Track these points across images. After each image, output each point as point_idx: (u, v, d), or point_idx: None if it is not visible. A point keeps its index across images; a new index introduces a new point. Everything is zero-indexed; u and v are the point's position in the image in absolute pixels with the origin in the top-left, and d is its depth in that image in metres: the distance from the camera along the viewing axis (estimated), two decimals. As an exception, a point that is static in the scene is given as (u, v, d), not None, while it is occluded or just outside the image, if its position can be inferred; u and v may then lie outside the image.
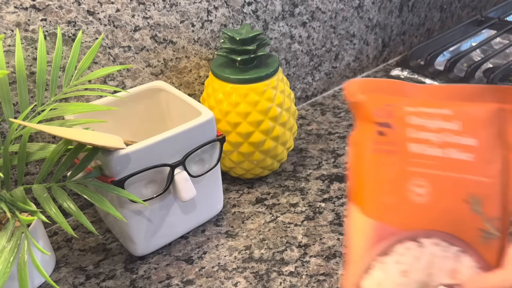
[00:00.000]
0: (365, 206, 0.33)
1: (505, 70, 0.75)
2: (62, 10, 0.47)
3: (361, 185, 0.34)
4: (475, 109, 0.34)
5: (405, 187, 0.32)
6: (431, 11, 0.94)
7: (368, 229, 0.33)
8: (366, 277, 0.32)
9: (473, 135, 0.33)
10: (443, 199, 0.32)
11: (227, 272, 0.47)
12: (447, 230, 0.32)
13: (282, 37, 0.69)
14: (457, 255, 0.32)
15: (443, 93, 0.35)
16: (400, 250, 0.32)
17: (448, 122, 0.33)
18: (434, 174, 0.32)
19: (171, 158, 0.45)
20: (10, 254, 0.35)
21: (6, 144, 0.39)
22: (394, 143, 0.33)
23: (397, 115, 0.34)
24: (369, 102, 0.35)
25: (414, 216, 0.32)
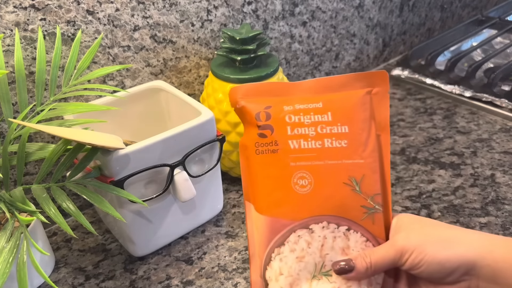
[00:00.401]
0: (258, 204, 0.36)
1: (506, 69, 0.75)
2: (62, 10, 0.47)
3: (253, 185, 0.37)
4: (344, 98, 0.37)
5: (289, 181, 0.35)
6: (432, 10, 0.94)
7: (263, 225, 0.36)
8: (268, 269, 0.36)
9: (344, 123, 0.36)
10: (325, 186, 0.35)
11: (227, 273, 0.47)
12: (333, 213, 0.35)
13: (282, 37, 0.69)
14: (345, 233, 0.35)
15: (316, 87, 0.38)
16: (293, 239, 0.35)
17: (320, 115, 0.36)
18: (314, 165, 0.35)
19: (170, 158, 0.44)
20: (9, 254, 0.35)
21: (5, 144, 0.39)
22: (275, 143, 0.36)
23: (276, 116, 0.37)
24: (250, 107, 0.38)
25: (301, 206, 0.35)
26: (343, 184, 0.35)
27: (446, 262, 0.31)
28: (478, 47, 0.83)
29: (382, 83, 0.37)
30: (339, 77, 0.38)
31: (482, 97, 0.73)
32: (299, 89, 0.38)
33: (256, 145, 0.37)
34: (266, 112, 0.37)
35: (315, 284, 0.35)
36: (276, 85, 0.39)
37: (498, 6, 0.99)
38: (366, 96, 0.37)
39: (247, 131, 0.38)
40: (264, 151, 0.36)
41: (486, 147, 0.64)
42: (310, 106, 0.37)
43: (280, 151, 0.36)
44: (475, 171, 0.59)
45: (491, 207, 0.53)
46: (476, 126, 0.68)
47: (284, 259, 0.35)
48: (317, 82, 0.38)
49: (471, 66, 0.76)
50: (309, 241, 0.35)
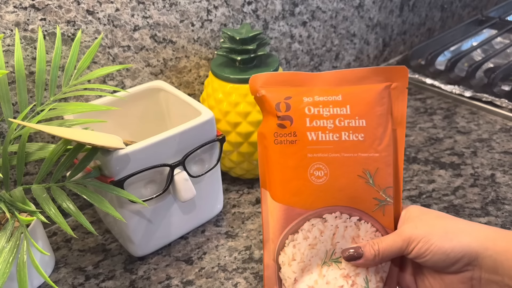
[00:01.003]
0: (274, 192, 0.38)
1: (506, 69, 0.75)
2: (62, 10, 0.47)
3: (270, 173, 0.38)
4: (363, 91, 0.37)
5: (306, 172, 0.36)
6: (432, 10, 0.94)
7: (278, 212, 0.37)
8: (281, 254, 0.37)
9: (362, 117, 0.37)
10: (340, 178, 0.36)
11: (227, 273, 0.47)
12: (346, 204, 0.37)
13: (282, 37, 0.69)
14: (356, 223, 0.37)
15: (336, 79, 0.38)
16: (307, 227, 0.37)
17: (339, 108, 0.37)
18: (330, 157, 0.36)
19: (170, 158, 0.44)
20: (9, 254, 0.35)
21: (5, 144, 0.39)
22: (294, 134, 0.37)
23: (296, 108, 0.37)
24: (270, 96, 0.38)
25: (317, 196, 0.37)
26: (357, 177, 0.36)
27: (450, 252, 0.32)
28: (478, 47, 0.83)
29: (401, 78, 0.38)
30: (359, 70, 0.38)
31: (482, 97, 0.73)
32: (319, 80, 0.39)
33: (275, 135, 0.37)
34: (286, 103, 0.37)
35: (325, 270, 0.36)
36: (297, 75, 0.39)
37: (498, 6, 0.99)
38: (385, 91, 0.37)
39: (266, 120, 0.38)
40: (282, 141, 0.37)
41: (486, 147, 0.64)
42: (329, 98, 0.37)
43: (298, 142, 0.36)
44: (475, 171, 0.59)
45: (491, 207, 0.53)
46: (476, 126, 0.68)
47: (297, 245, 0.37)
48: (337, 74, 0.38)
49: (471, 66, 0.76)
50: (322, 229, 0.37)
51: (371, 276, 0.36)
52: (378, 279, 0.36)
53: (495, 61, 0.82)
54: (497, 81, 0.74)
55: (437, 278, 0.34)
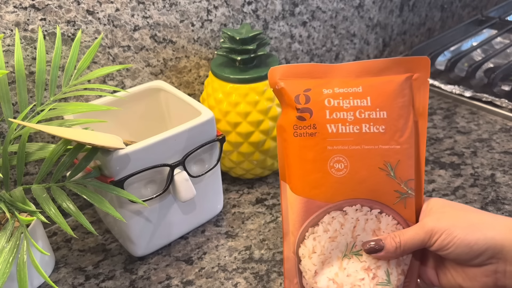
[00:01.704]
0: (294, 185, 0.37)
1: (506, 69, 0.75)
2: (62, 10, 0.47)
3: (289, 166, 0.38)
4: (384, 83, 0.37)
5: (326, 165, 0.36)
6: (432, 10, 0.94)
7: (298, 205, 0.37)
8: (301, 246, 0.37)
9: (383, 108, 0.36)
10: (360, 170, 0.36)
11: (227, 273, 0.47)
12: (367, 197, 0.36)
13: (282, 37, 0.69)
14: (377, 216, 0.36)
15: (356, 71, 0.38)
16: (327, 220, 0.36)
17: (360, 100, 0.36)
18: (351, 150, 0.36)
19: (170, 158, 0.44)
20: (10, 254, 0.35)
21: (5, 144, 0.39)
22: (314, 126, 0.36)
23: (315, 100, 0.37)
24: (289, 89, 0.38)
25: (337, 189, 0.36)
26: (378, 169, 0.36)
27: (474, 244, 0.31)
28: (478, 47, 0.83)
29: (423, 69, 0.37)
30: (380, 61, 0.38)
31: (482, 97, 0.73)
32: (339, 72, 0.38)
33: (294, 128, 0.37)
34: (306, 95, 0.37)
35: (346, 262, 0.36)
36: (316, 66, 0.38)
37: (498, 6, 0.99)
38: (406, 82, 0.37)
39: (286, 112, 0.38)
40: (302, 134, 0.37)
41: (486, 147, 0.64)
42: (349, 90, 0.37)
43: (318, 134, 0.36)
44: (475, 171, 0.59)
45: (491, 207, 0.53)
46: (476, 126, 0.68)
47: (317, 238, 0.36)
48: (358, 65, 0.38)
49: (471, 66, 0.76)
50: (342, 222, 0.36)
51: (393, 269, 0.36)
52: (400, 272, 0.36)
53: (495, 61, 0.82)
54: (497, 81, 0.74)
55: (460, 271, 0.34)
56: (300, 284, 0.38)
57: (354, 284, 0.35)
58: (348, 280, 0.35)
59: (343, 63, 0.38)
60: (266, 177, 0.61)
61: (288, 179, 0.38)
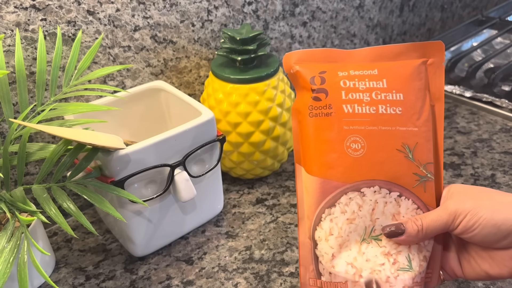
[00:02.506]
0: (310, 166, 0.37)
1: (506, 70, 0.75)
2: (62, 10, 0.47)
3: (304, 147, 0.37)
4: (399, 66, 0.37)
5: (342, 144, 0.36)
6: (432, 10, 0.94)
7: (314, 186, 0.36)
8: (318, 229, 0.36)
9: (399, 90, 0.36)
10: (378, 151, 0.35)
11: (227, 273, 0.47)
12: (385, 178, 0.35)
13: (283, 37, 0.69)
14: (397, 200, 0.35)
15: (371, 55, 0.38)
16: (344, 201, 0.36)
17: (375, 81, 0.36)
18: (367, 130, 0.35)
19: (171, 158, 0.44)
20: (10, 254, 0.35)
21: (6, 144, 0.39)
22: (329, 106, 0.36)
23: (331, 81, 0.37)
24: (304, 72, 0.38)
25: (354, 169, 0.35)
26: (396, 151, 0.35)
27: (502, 224, 0.30)
28: (478, 47, 0.83)
29: (437, 54, 0.37)
30: (394, 46, 0.38)
31: (482, 97, 0.73)
32: (354, 57, 0.38)
33: (310, 108, 0.37)
34: (321, 77, 0.37)
35: (365, 247, 0.35)
36: (331, 51, 0.39)
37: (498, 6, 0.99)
38: (422, 66, 0.37)
39: (300, 95, 0.38)
40: (317, 114, 0.36)
41: (486, 147, 0.64)
42: (365, 72, 0.36)
43: (334, 114, 0.36)
44: (475, 171, 0.59)
45: (491, 207, 0.53)
46: (477, 126, 0.68)
47: (334, 219, 0.35)
48: (372, 50, 0.38)
49: (471, 66, 0.76)
50: (360, 204, 0.35)
51: (414, 254, 0.34)
52: (422, 258, 0.35)
53: (495, 61, 0.82)
54: (497, 81, 0.74)
55: (485, 256, 0.32)
56: (316, 271, 0.37)
57: (374, 269, 0.34)
58: (367, 265, 0.34)
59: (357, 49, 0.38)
60: (266, 177, 0.61)
61: (303, 161, 0.38)
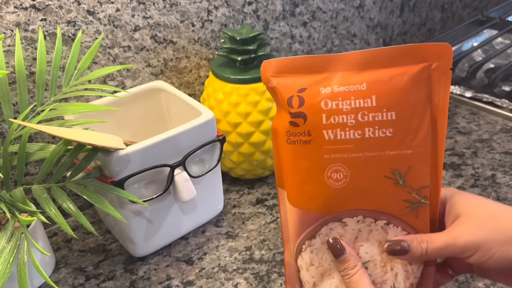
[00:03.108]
0: (289, 195, 0.35)
1: (507, 70, 0.75)
2: (62, 10, 0.47)
3: (284, 173, 0.35)
4: (393, 76, 0.32)
5: (322, 175, 0.32)
6: (432, 11, 0.94)
7: (294, 217, 0.34)
8: (299, 258, 0.35)
9: (391, 108, 0.31)
10: (363, 180, 0.32)
11: (227, 273, 0.47)
12: (370, 208, 0.33)
13: (283, 37, 0.69)
14: (383, 228, 0.33)
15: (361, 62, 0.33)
16: (324, 232, 0.33)
17: (363, 99, 0.32)
18: (351, 158, 0.32)
19: (171, 159, 0.44)
20: (10, 254, 0.35)
21: (5, 144, 0.39)
22: (308, 133, 0.32)
23: (310, 102, 0.32)
24: (282, 89, 0.33)
25: (334, 200, 0.33)
26: (384, 178, 0.32)
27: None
28: (478, 48, 0.83)
29: (444, 57, 0.31)
30: (390, 49, 0.32)
31: (482, 98, 0.73)
32: (341, 64, 0.33)
33: (288, 134, 0.33)
34: (300, 97, 0.33)
35: None
36: (314, 59, 0.33)
37: (498, 6, 0.99)
38: (422, 73, 0.32)
39: (279, 114, 0.34)
40: (295, 141, 0.33)
41: (486, 147, 0.63)
42: (351, 88, 0.32)
43: (313, 142, 0.32)
44: (475, 172, 0.59)
45: (491, 207, 0.53)
46: (477, 127, 0.68)
47: (315, 250, 0.34)
48: (363, 55, 0.33)
49: (471, 67, 0.76)
50: (341, 233, 0.33)
51: (400, 283, 0.33)
52: (408, 286, 0.33)
53: (495, 62, 0.82)
54: (497, 81, 0.74)
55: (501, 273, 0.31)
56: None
57: None
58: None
59: (345, 52, 0.33)
60: (266, 178, 0.61)
61: (285, 186, 0.35)
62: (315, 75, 0.33)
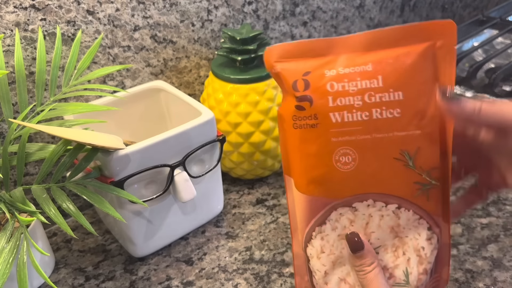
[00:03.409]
0: (297, 181, 0.34)
1: (507, 70, 0.75)
2: (62, 10, 0.47)
3: (291, 160, 0.34)
4: (399, 56, 0.31)
5: (330, 158, 0.32)
6: (433, 10, 0.94)
7: (302, 203, 0.33)
8: (309, 246, 0.34)
9: (398, 88, 0.31)
10: (372, 162, 0.31)
11: (227, 274, 0.47)
12: (380, 191, 0.32)
13: (283, 37, 0.69)
14: (395, 212, 0.32)
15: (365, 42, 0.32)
16: (334, 217, 0.33)
17: (369, 80, 0.31)
18: (359, 140, 0.31)
19: (171, 159, 0.44)
20: (9, 255, 0.35)
21: (5, 144, 0.39)
22: (315, 116, 0.32)
23: (316, 85, 0.32)
24: (287, 74, 0.33)
25: (344, 184, 0.32)
26: (394, 160, 0.31)
27: None
28: (479, 47, 0.83)
29: (448, 35, 0.31)
30: (393, 29, 0.32)
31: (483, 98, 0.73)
32: (345, 46, 0.32)
33: (294, 119, 0.32)
34: (305, 80, 0.32)
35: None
36: (318, 42, 0.33)
37: (499, 6, 0.98)
38: (427, 51, 0.31)
39: (285, 99, 0.34)
40: (302, 126, 0.32)
41: (487, 147, 0.63)
42: (356, 69, 0.31)
43: (320, 125, 0.32)
44: (476, 172, 0.59)
45: (492, 207, 0.53)
46: (477, 127, 0.68)
47: (325, 237, 0.33)
48: (367, 36, 0.32)
49: (472, 67, 0.76)
50: (351, 219, 0.33)
51: (413, 268, 0.32)
52: (421, 271, 0.32)
53: (496, 62, 0.81)
54: (498, 81, 0.74)
55: None
56: (310, 282, 0.36)
57: None
58: None
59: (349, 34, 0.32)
60: (266, 178, 0.61)
61: (292, 173, 0.35)
62: (320, 58, 0.33)
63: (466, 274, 0.44)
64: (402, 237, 0.33)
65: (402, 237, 0.33)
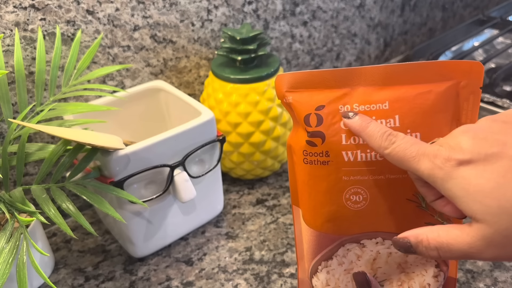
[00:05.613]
0: (305, 215, 0.33)
1: (508, 70, 0.75)
2: (61, 10, 0.47)
3: (300, 193, 0.33)
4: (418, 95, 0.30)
5: (340, 197, 0.31)
6: (433, 10, 0.94)
7: (310, 237, 0.33)
8: (314, 278, 0.33)
9: (416, 129, 0.29)
10: (383, 203, 0.31)
11: (227, 274, 0.47)
12: (390, 230, 0.31)
13: (283, 37, 0.69)
14: None
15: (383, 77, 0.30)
16: (341, 253, 0.32)
17: (385, 119, 0.30)
18: (372, 180, 0.30)
19: (170, 159, 0.44)
20: (9, 255, 0.34)
21: (5, 144, 0.39)
22: (327, 154, 0.31)
23: (329, 121, 0.31)
24: (299, 106, 0.32)
25: (353, 222, 0.32)
26: (406, 201, 0.31)
27: None
28: (479, 47, 0.83)
29: (473, 75, 0.29)
30: (414, 65, 0.30)
31: (483, 98, 0.72)
32: (362, 78, 0.31)
33: (304, 154, 0.31)
34: (318, 115, 0.31)
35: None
36: (332, 73, 0.31)
37: (499, 6, 0.98)
38: (450, 91, 0.30)
39: (296, 131, 0.33)
40: (313, 161, 0.31)
41: (487, 147, 0.63)
42: (372, 107, 0.30)
43: (332, 163, 0.31)
44: (476, 172, 0.59)
45: (492, 208, 0.53)
46: (478, 127, 0.68)
47: (331, 271, 0.33)
48: (386, 69, 0.30)
49: (472, 66, 0.75)
50: (359, 254, 0.32)
51: None
52: None
53: (496, 61, 0.81)
54: (498, 81, 0.73)
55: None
56: None
57: None
58: None
59: (365, 66, 0.31)
60: (266, 178, 0.61)
61: (301, 205, 0.34)
62: (334, 90, 0.31)
63: (467, 274, 0.44)
64: (409, 272, 0.32)
65: (409, 273, 0.32)
